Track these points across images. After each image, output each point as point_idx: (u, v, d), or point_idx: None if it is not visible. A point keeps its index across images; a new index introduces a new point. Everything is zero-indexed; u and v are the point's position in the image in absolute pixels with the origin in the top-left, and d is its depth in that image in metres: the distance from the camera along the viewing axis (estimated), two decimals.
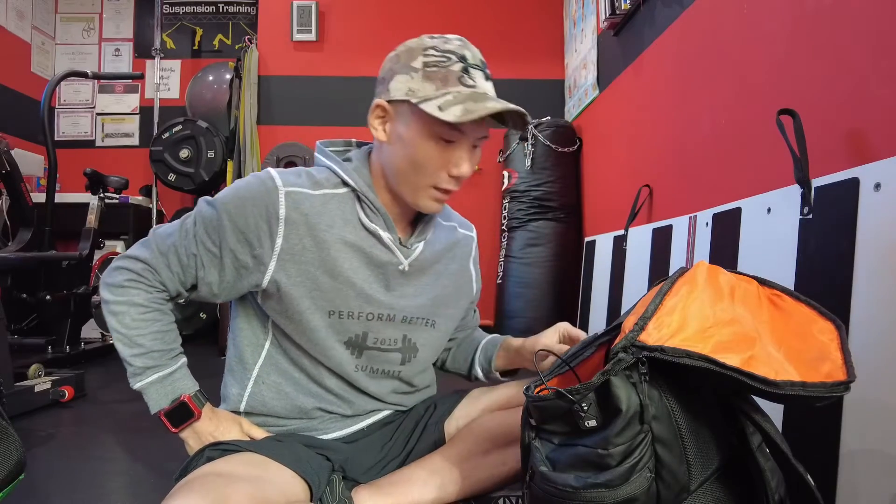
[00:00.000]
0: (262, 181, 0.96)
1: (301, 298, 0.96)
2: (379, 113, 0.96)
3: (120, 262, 0.97)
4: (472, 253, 1.17)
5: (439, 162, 0.93)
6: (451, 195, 0.99)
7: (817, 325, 0.78)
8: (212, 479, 0.81)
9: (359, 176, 1.00)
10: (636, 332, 0.74)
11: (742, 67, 1.59)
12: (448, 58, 0.92)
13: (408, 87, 0.92)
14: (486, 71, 0.96)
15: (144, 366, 0.95)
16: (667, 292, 0.80)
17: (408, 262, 1.01)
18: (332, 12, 3.61)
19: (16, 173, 2.60)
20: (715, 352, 0.70)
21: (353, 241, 0.98)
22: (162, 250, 0.96)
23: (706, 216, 1.61)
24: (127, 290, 0.95)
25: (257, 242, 0.94)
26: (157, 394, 0.96)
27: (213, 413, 0.99)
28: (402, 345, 1.04)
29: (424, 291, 1.05)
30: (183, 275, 0.96)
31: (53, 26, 4.16)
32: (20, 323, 2.76)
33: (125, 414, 1.95)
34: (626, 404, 0.70)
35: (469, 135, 0.93)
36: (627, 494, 0.69)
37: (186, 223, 0.97)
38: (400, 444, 1.07)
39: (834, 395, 0.70)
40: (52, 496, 1.26)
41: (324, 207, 0.97)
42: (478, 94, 0.91)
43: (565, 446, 0.77)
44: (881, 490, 0.92)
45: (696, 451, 0.72)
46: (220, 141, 3.53)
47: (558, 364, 0.88)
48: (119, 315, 0.95)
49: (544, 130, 3.11)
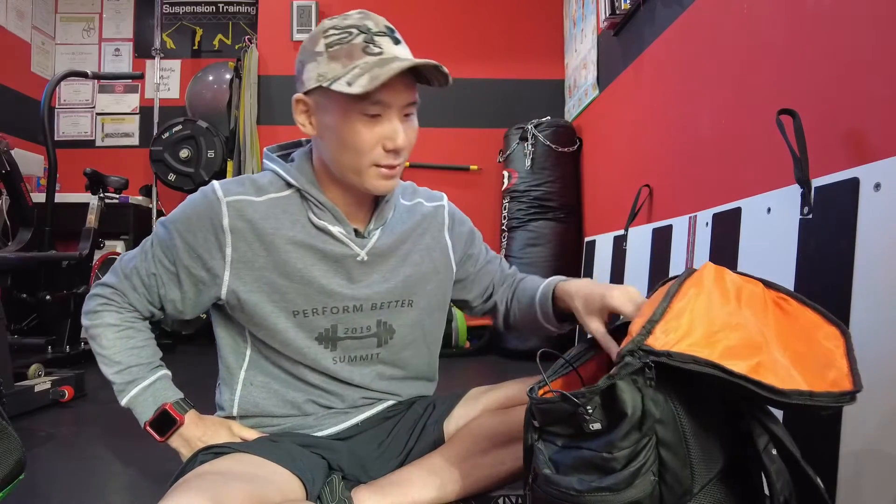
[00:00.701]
0: (205, 195, 0.97)
1: (262, 304, 0.97)
2: (301, 108, 0.95)
3: (94, 289, 1.02)
4: (444, 222, 1.13)
5: (371, 139, 0.90)
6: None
7: (823, 331, 0.78)
8: (209, 477, 0.81)
9: (300, 174, 0.99)
10: (643, 336, 0.73)
11: (742, 67, 1.59)
12: (349, 32, 0.90)
13: (317, 73, 0.90)
14: (393, 35, 0.92)
15: (125, 381, 0.99)
16: (675, 294, 0.79)
17: (365, 251, 1.00)
18: (332, 12, 3.58)
19: (16, 173, 2.60)
20: (722, 357, 0.70)
21: (303, 239, 0.97)
22: (126, 273, 1.00)
23: (706, 216, 1.61)
24: (100, 314, 0.99)
25: (208, 255, 0.96)
26: (141, 406, 0.99)
27: (199, 419, 1.00)
28: (377, 329, 1.03)
29: (393, 275, 1.04)
30: (148, 294, 1.00)
31: (53, 26, 4.16)
32: (20, 323, 2.76)
33: (125, 414, 1.93)
34: (631, 408, 0.70)
35: (392, 103, 0.90)
36: (631, 498, 0.69)
37: (146, 245, 1.01)
38: (399, 444, 1.07)
39: (840, 405, 0.70)
40: (52, 496, 1.26)
41: (269, 212, 0.97)
42: (385, 59, 0.88)
43: (569, 449, 0.76)
44: (881, 490, 0.91)
45: (699, 454, 0.72)
46: (220, 141, 3.53)
47: (561, 365, 0.88)
48: (97, 337, 0.99)
49: (544, 130, 3.11)
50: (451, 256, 1.13)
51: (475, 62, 3.58)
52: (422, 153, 3.33)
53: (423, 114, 0.99)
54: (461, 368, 2.72)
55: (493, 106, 3.60)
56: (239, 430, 1.01)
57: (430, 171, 3.53)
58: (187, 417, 0.98)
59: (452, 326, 3.01)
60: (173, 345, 3.21)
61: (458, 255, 1.15)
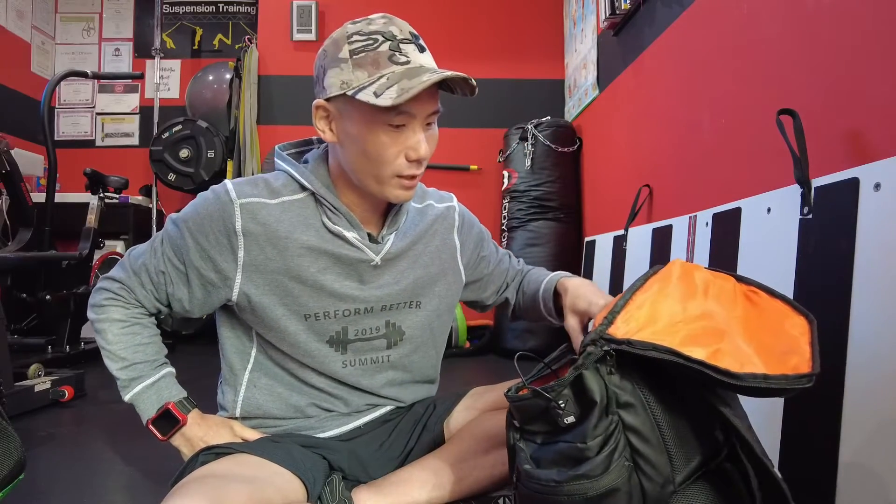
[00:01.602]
0: (218, 196, 0.95)
1: (274, 307, 0.96)
2: (321, 114, 0.94)
3: (101, 282, 1.01)
4: (455, 223, 1.13)
5: (394, 150, 0.89)
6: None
7: (790, 321, 0.80)
8: (209, 479, 0.81)
9: (315, 178, 0.98)
10: (605, 326, 0.77)
11: (742, 67, 1.59)
12: (374, 39, 0.87)
13: (340, 80, 0.88)
14: (418, 42, 0.90)
15: (129, 377, 0.98)
16: (637, 288, 0.83)
17: (379, 257, 1.00)
18: (332, 12, 3.61)
19: (16, 173, 2.60)
20: (682, 345, 0.72)
21: (317, 244, 0.96)
22: (135, 269, 0.99)
23: (706, 216, 1.61)
24: (106, 309, 0.98)
25: (220, 258, 0.95)
26: (144, 404, 0.98)
27: (201, 418, 1.00)
28: (385, 330, 1.03)
29: (404, 276, 1.03)
30: (156, 292, 0.99)
31: (53, 26, 4.15)
32: (20, 323, 2.76)
33: (125, 414, 1.93)
34: (599, 396, 0.72)
35: (417, 114, 0.88)
36: (609, 485, 0.70)
37: (155, 242, 1.00)
38: (399, 444, 1.07)
39: (797, 388, 0.72)
40: (52, 496, 1.26)
41: (283, 215, 0.96)
42: (412, 69, 0.86)
43: (547, 444, 0.78)
44: (881, 490, 0.91)
45: (676, 442, 0.74)
46: (220, 141, 3.53)
47: (540, 367, 0.90)
48: (102, 332, 0.98)
49: (544, 130, 3.11)
50: (459, 259, 1.13)
51: (475, 62, 3.58)
52: None
53: None
54: (461, 368, 2.72)
55: (493, 106, 3.60)
56: (241, 430, 1.01)
57: (431, 170, 3.50)
58: (190, 417, 0.98)
59: (452, 326, 3.01)
60: (173, 344, 3.21)
61: (467, 257, 1.15)
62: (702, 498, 0.74)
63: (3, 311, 1.81)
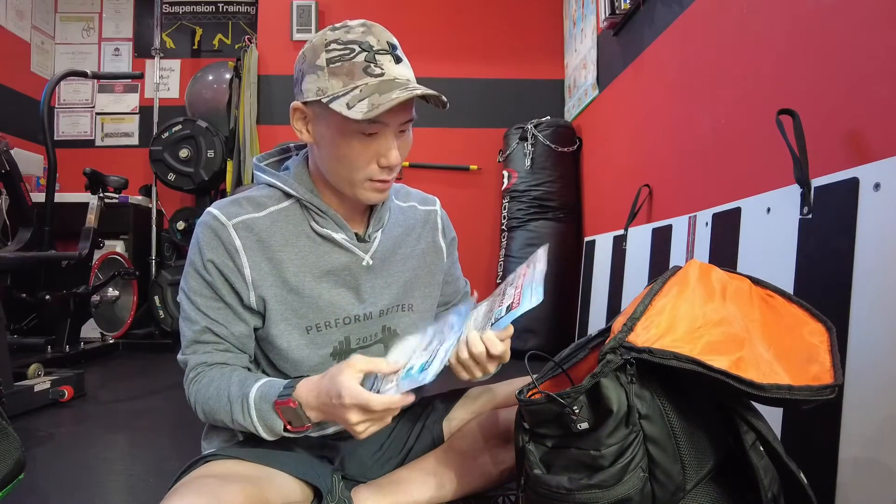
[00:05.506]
0: (209, 225, 0.94)
1: (276, 322, 0.96)
2: (299, 115, 0.95)
3: (185, 373, 0.96)
4: (438, 226, 1.14)
5: (366, 156, 0.90)
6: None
7: (808, 327, 0.79)
8: (208, 480, 0.81)
9: (298, 183, 0.98)
10: (625, 333, 0.74)
11: (742, 67, 1.59)
12: (351, 49, 0.88)
13: (317, 86, 0.90)
14: (395, 53, 0.91)
15: (241, 418, 0.89)
16: (657, 292, 0.80)
17: (369, 255, 1.00)
18: (332, 12, 3.61)
19: (15, 173, 2.60)
20: (704, 353, 0.70)
21: (309, 252, 0.96)
22: (190, 346, 0.95)
23: (706, 216, 1.61)
24: (191, 392, 0.94)
25: (234, 277, 0.93)
26: (269, 422, 0.88)
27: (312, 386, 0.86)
28: (382, 335, 1.03)
29: (395, 279, 1.04)
30: (219, 344, 0.95)
31: (53, 26, 4.15)
32: (20, 323, 2.76)
33: (125, 413, 1.95)
34: (616, 405, 0.71)
35: (390, 123, 0.89)
36: (621, 495, 0.69)
37: (184, 307, 0.96)
38: (399, 444, 1.07)
39: (820, 399, 0.70)
40: (52, 496, 1.26)
41: (273, 226, 0.96)
42: (385, 82, 0.87)
43: (558, 449, 0.77)
44: (881, 490, 0.92)
45: (690, 450, 0.72)
46: (219, 140, 3.53)
47: (551, 367, 0.89)
48: (207, 413, 0.93)
49: (544, 130, 3.11)
50: (445, 260, 1.14)
51: (475, 62, 3.58)
52: (422, 153, 3.33)
53: (423, 114, 0.99)
54: None
55: (493, 106, 3.60)
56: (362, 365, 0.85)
57: (430, 170, 3.53)
58: (297, 397, 0.86)
59: None
60: (173, 344, 3.21)
61: (446, 260, 1.15)
62: (708, 498, 0.73)
63: (3, 311, 1.81)
